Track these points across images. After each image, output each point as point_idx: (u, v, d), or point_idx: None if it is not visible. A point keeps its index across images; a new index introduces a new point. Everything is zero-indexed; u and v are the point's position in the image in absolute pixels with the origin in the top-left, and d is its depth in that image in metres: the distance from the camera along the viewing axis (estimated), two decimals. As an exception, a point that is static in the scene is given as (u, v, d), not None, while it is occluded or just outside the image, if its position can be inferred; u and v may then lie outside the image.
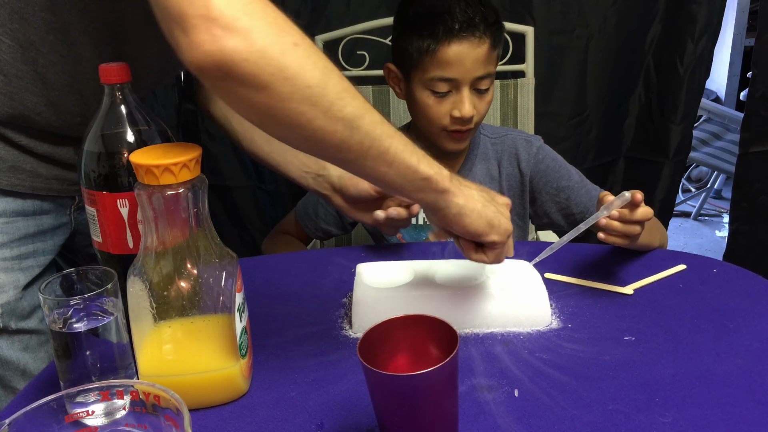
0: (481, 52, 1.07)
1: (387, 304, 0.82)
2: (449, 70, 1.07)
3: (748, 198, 1.81)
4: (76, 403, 0.50)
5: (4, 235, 0.87)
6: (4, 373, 0.89)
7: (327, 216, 1.26)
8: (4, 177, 0.87)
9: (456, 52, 1.06)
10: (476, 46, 1.07)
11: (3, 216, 0.88)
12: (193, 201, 0.65)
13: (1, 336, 0.88)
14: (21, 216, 0.89)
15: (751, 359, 0.74)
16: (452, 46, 1.06)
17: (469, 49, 1.07)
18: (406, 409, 0.57)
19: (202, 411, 0.69)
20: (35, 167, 0.88)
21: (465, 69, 1.07)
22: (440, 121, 1.11)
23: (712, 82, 3.75)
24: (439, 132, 1.13)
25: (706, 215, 3.30)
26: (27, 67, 0.82)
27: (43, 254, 0.92)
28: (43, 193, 0.90)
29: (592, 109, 1.85)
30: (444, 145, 1.14)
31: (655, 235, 1.00)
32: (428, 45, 1.07)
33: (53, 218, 0.93)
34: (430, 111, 1.11)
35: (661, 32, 1.81)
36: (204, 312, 0.68)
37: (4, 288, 0.87)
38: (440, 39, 1.06)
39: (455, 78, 1.08)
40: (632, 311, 0.86)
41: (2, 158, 0.86)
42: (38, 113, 0.85)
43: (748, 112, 1.75)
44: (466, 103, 1.08)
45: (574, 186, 1.17)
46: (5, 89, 0.82)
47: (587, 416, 0.66)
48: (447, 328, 0.60)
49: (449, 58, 1.07)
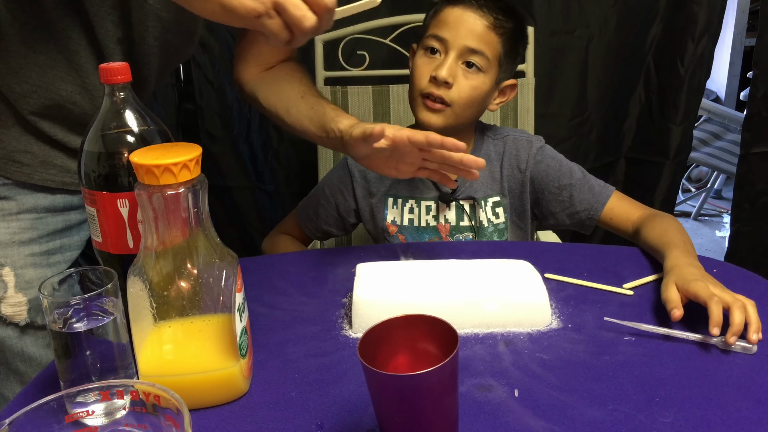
0: (479, 23, 1.10)
1: (387, 304, 0.82)
2: (444, 29, 1.11)
3: (749, 199, 1.81)
4: (76, 403, 0.50)
5: (33, 231, 0.89)
6: (26, 370, 0.90)
7: (328, 217, 1.26)
8: (36, 172, 0.89)
9: (457, 15, 1.11)
10: (478, 17, 1.10)
11: (33, 212, 0.89)
12: (193, 201, 0.65)
13: (27, 332, 0.89)
14: (51, 212, 0.92)
15: (751, 359, 0.74)
16: (456, 9, 1.12)
17: (470, 16, 1.11)
18: (406, 409, 0.57)
19: (202, 411, 0.69)
20: (65, 162, 0.90)
21: (458, 33, 1.10)
22: (420, 82, 1.12)
23: (712, 82, 3.76)
24: (417, 97, 1.13)
25: (706, 215, 3.30)
26: (60, 56, 0.84)
27: (70, 249, 0.94)
28: (73, 188, 0.92)
29: (592, 109, 1.85)
30: (419, 115, 1.13)
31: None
32: (437, 6, 1.14)
33: (80, 213, 0.95)
34: (416, 71, 1.13)
35: (661, 32, 1.81)
36: (204, 312, 0.68)
37: (32, 284, 0.88)
38: (448, 1, 1.13)
39: (446, 38, 1.11)
40: (632, 311, 0.86)
41: (33, 153, 0.88)
42: (73, 102, 0.87)
43: (750, 113, 1.75)
44: (446, 65, 1.10)
45: (576, 183, 1.17)
46: (40, 81, 0.84)
47: (587, 416, 0.66)
48: (447, 328, 0.60)
49: (448, 19, 1.12)
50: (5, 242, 0.88)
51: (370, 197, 1.23)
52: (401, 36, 1.57)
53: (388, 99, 1.57)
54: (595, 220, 1.15)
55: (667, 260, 0.90)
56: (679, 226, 1.02)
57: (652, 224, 1.04)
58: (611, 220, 1.14)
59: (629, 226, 1.11)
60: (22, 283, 0.88)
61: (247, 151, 1.89)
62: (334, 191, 1.25)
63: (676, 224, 1.02)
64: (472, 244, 1.15)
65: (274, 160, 1.87)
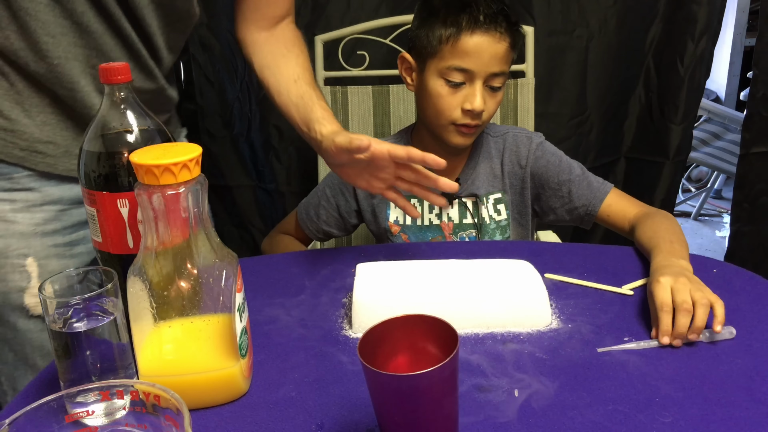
0: (500, 48, 1.09)
1: (387, 304, 0.82)
2: (467, 60, 1.09)
3: (749, 199, 1.81)
4: (76, 403, 0.50)
5: (57, 222, 0.90)
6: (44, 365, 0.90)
7: (329, 218, 1.26)
8: (59, 162, 0.90)
9: (476, 43, 1.08)
10: (497, 41, 1.09)
11: (58, 203, 0.90)
12: (193, 201, 0.65)
13: None
14: (75, 204, 0.93)
15: (751, 359, 0.74)
16: (474, 37, 1.08)
17: (489, 42, 1.08)
18: (406, 409, 0.57)
19: (202, 411, 0.69)
20: None
21: (482, 62, 1.08)
22: (450, 113, 1.11)
23: (712, 82, 3.76)
24: (448, 125, 1.13)
25: (706, 215, 3.30)
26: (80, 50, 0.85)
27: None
28: None
29: (592, 109, 1.85)
30: (450, 139, 1.14)
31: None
32: (450, 33, 1.09)
33: None
34: (441, 101, 1.11)
35: (661, 32, 1.81)
36: (204, 312, 0.68)
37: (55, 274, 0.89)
38: (463, 28, 1.08)
39: (471, 69, 1.09)
40: (632, 311, 0.86)
41: (57, 144, 0.89)
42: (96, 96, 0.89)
43: (749, 113, 1.75)
44: (478, 96, 1.09)
45: (575, 179, 1.17)
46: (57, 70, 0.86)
47: (587, 416, 0.66)
48: (447, 328, 0.60)
49: (468, 49, 1.08)
50: (29, 233, 0.89)
51: (371, 197, 1.23)
52: (401, 36, 1.57)
53: (388, 99, 1.57)
54: (593, 216, 1.16)
55: (651, 264, 0.91)
56: (671, 224, 1.02)
57: (645, 224, 1.04)
58: (608, 217, 1.15)
59: (626, 223, 1.11)
60: (45, 273, 0.89)
61: (247, 150, 1.89)
62: (335, 192, 1.25)
63: (667, 223, 1.02)
64: (472, 244, 1.15)
65: (274, 159, 1.87)
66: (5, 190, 0.88)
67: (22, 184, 0.89)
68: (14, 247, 0.88)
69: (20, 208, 0.88)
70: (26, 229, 0.89)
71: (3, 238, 0.88)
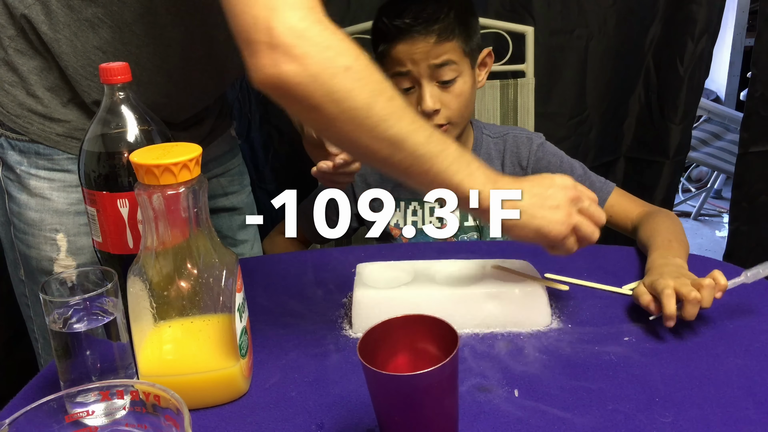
0: (428, 44, 1.09)
1: (387, 304, 0.82)
2: (401, 65, 1.11)
3: (748, 198, 1.81)
4: (76, 403, 0.50)
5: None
6: None
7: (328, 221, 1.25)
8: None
9: (402, 49, 1.11)
10: (421, 39, 1.09)
11: None
12: (193, 201, 0.65)
13: None
14: None
15: (751, 359, 0.74)
16: (399, 45, 1.11)
17: (414, 45, 1.10)
18: (406, 409, 0.57)
19: (202, 411, 0.69)
20: None
21: (414, 63, 1.10)
22: None
23: (712, 82, 3.75)
24: None
25: (706, 215, 3.30)
26: (123, 47, 0.88)
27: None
28: None
29: (591, 109, 1.85)
30: None
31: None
32: (384, 48, 1.13)
33: None
34: None
35: (661, 32, 1.81)
36: (204, 312, 0.68)
37: (83, 250, 0.95)
38: (388, 41, 1.12)
39: (409, 71, 1.11)
40: (632, 311, 0.86)
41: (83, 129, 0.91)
42: None
43: (748, 112, 1.75)
44: (426, 97, 1.10)
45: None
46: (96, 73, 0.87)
47: (587, 416, 0.66)
48: (447, 328, 0.60)
49: (398, 57, 1.11)
50: (62, 211, 0.94)
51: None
52: (401, 36, 1.57)
53: (387, 99, 1.57)
54: None
55: (647, 263, 0.91)
56: (673, 223, 1.02)
57: (646, 223, 1.04)
58: (611, 217, 1.14)
59: (629, 223, 1.11)
60: (74, 248, 0.95)
61: (247, 150, 1.89)
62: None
63: (668, 222, 1.02)
64: (472, 244, 1.15)
65: (274, 159, 1.87)
66: (47, 169, 0.94)
67: (62, 166, 0.94)
68: (48, 222, 0.94)
69: (57, 187, 0.94)
70: (61, 207, 0.94)
71: (39, 212, 0.94)
